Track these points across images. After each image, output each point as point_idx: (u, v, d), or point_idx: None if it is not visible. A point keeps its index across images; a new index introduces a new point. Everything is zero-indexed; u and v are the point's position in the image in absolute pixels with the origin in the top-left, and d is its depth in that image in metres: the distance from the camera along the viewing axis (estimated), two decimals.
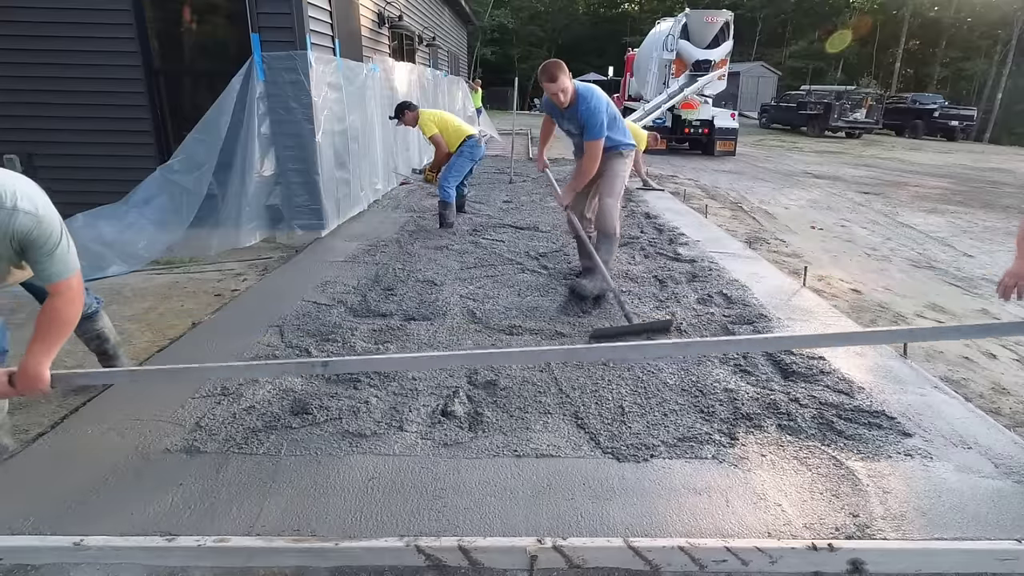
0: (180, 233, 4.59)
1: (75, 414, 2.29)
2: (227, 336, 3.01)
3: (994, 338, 3.43)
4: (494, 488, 1.91)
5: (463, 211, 6.05)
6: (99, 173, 4.83)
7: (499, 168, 9.48)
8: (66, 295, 1.82)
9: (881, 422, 2.29)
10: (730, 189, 9.37)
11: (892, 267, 5.27)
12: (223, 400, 2.38)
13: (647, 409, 2.37)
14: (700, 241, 5.12)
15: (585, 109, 3.43)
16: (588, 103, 3.43)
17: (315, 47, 4.81)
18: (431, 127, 5.35)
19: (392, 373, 2.59)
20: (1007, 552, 1.62)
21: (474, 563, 1.59)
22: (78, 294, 1.86)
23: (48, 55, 4.62)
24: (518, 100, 10.64)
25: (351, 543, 1.61)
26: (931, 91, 31.67)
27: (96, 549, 1.59)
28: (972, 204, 8.73)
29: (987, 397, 2.90)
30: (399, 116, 5.47)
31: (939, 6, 35.85)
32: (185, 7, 4.75)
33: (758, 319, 3.31)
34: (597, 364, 2.75)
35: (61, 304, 1.81)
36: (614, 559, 1.60)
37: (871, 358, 2.89)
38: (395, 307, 3.43)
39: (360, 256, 4.50)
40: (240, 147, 4.62)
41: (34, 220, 1.68)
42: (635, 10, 43.71)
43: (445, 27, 13.25)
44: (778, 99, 26.63)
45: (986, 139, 26.63)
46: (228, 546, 1.59)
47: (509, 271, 4.19)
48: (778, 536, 1.68)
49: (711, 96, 13.47)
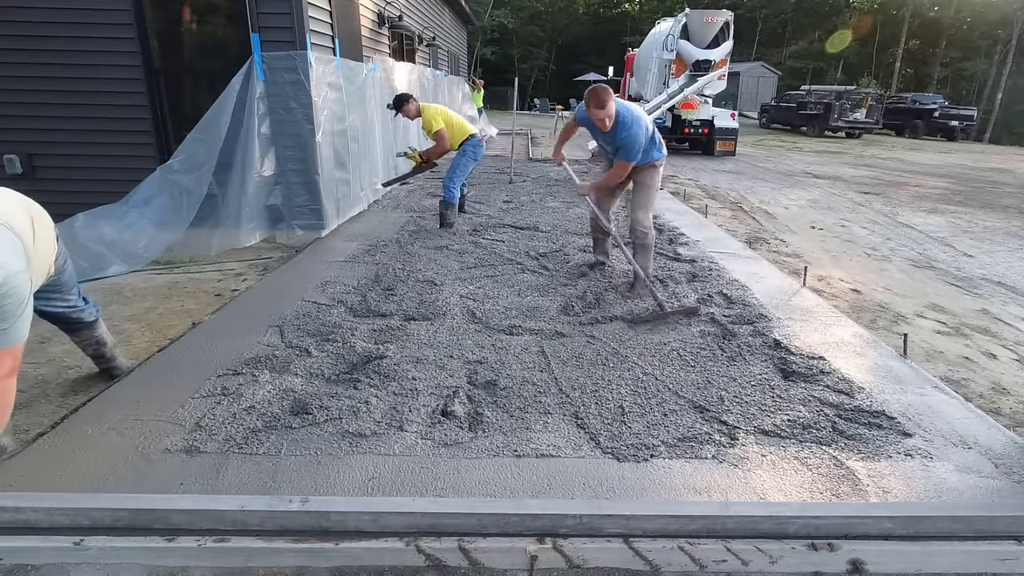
0: (180, 233, 4.59)
1: (75, 414, 2.29)
2: (227, 336, 3.01)
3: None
4: (494, 488, 1.91)
5: (463, 211, 6.05)
6: (99, 173, 4.83)
7: (499, 168, 9.47)
8: None
9: (881, 422, 2.30)
10: (730, 189, 9.37)
11: (892, 267, 5.27)
12: (223, 400, 2.38)
13: (647, 409, 2.37)
14: (700, 241, 5.12)
15: (626, 136, 3.57)
16: (629, 130, 3.55)
17: (315, 47, 4.81)
18: (438, 121, 5.24)
19: (392, 373, 2.59)
20: (1007, 552, 1.62)
21: (474, 563, 1.59)
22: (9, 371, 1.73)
23: (48, 55, 4.62)
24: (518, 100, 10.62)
25: (351, 543, 1.61)
26: (931, 91, 31.64)
27: (96, 549, 1.59)
28: (972, 204, 8.73)
29: (987, 397, 2.90)
30: (399, 107, 5.32)
31: (939, 6, 35.82)
32: (185, 7, 4.75)
33: (758, 319, 3.31)
34: (597, 364, 2.75)
35: None
36: (614, 559, 1.60)
37: (871, 358, 2.89)
38: (395, 307, 3.43)
39: (360, 256, 4.49)
40: (240, 147, 4.62)
41: None
42: (635, 10, 43.64)
43: (445, 27, 13.25)
44: (778, 99, 26.62)
45: (986, 139, 26.62)
46: (228, 546, 1.59)
47: (509, 271, 4.19)
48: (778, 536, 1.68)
49: (711, 96, 13.46)
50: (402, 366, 2.66)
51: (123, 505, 1.69)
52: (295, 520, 1.66)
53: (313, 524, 1.66)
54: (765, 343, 2.99)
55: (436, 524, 1.67)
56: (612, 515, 1.67)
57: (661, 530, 1.66)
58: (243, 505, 1.68)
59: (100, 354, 2.67)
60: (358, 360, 2.74)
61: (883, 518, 1.69)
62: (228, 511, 1.66)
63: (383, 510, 1.68)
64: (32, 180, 4.75)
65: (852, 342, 3.07)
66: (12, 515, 1.65)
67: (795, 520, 1.67)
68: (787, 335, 3.09)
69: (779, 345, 2.96)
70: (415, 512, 1.68)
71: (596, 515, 1.67)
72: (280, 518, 1.66)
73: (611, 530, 1.66)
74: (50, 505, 1.67)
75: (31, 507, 1.66)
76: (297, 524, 1.66)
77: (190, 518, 1.66)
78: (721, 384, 2.58)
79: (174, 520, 1.66)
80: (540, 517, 1.67)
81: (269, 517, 1.66)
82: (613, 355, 2.85)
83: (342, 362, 2.73)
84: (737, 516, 1.68)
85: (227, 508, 1.67)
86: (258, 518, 1.66)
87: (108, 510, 1.67)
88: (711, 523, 1.66)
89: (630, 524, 1.66)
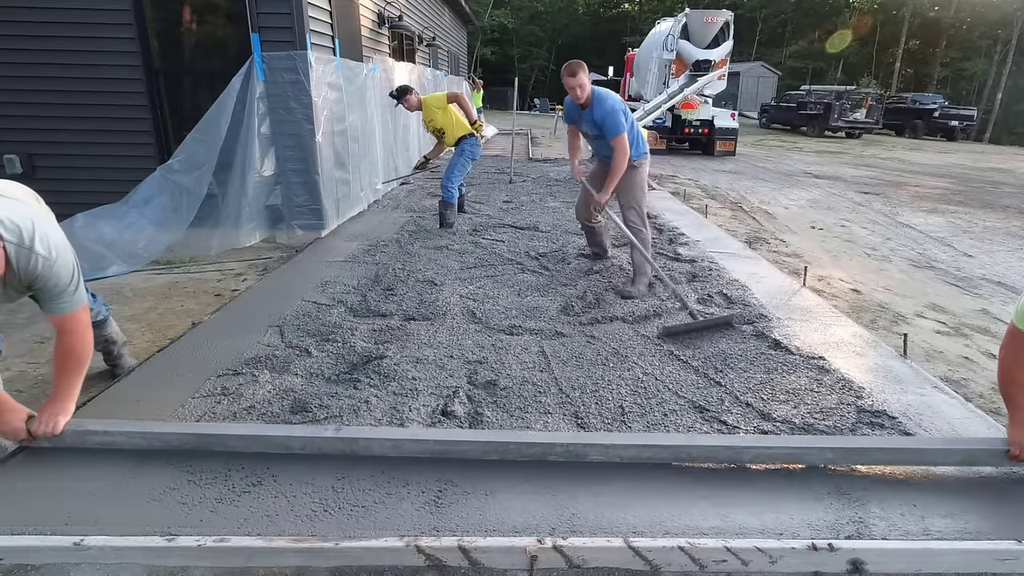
0: (180, 233, 4.60)
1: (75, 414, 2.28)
2: (227, 336, 3.01)
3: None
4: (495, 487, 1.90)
5: (463, 211, 6.05)
6: (99, 173, 4.83)
7: (499, 168, 9.48)
8: (75, 331, 1.88)
9: (883, 421, 2.30)
10: (730, 189, 9.37)
11: (892, 267, 5.27)
12: (223, 400, 2.38)
13: (647, 409, 2.37)
14: (700, 241, 5.12)
15: (601, 110, 3.62)
16: (603, 104, 3.64)
17: (315, 47, 4.81)
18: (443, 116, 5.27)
19: (392, 372, 2.59)
20: (1007, 552, 1.62)
21: (474, 563, 1.59)
22: (86, 327, 1.93)
23: (48, 55, 4.63)
24: (518, 100, 10.63)
25: (351, 543, 1.61)
26: (931, 91, 31.65)
27: (96, 549, 1.59)
28: (972, 204, 8.73)
29: (987, 397, 2.90)
30: (400, 98, 5.33)
31: (939, 6, 35.84)
32: (185, 7, 4.75)
33: (758, 319, 3.31)
34: (597, 364, 2.75)
35: (71, 341, 1.88)
36: (614, 559, 1.60)
37: (871, 358, 2.89)
38: (395, 307, 3.43)
39: (360, 256, 4.49)
40: (240, 147, 4.62)
41: (47, 264, 1.75)
42: (635, 10, 43.65)
43: (445, 27, 13.25)
44: (778, 99, 26.64)
45: (986, 139, 26.64)
46: (228, 546, 1.59)
47: (509, 271, 4.19)
48: (778, 536, 1.68)
49: (711, 96, 13.47)
50: (402, 366, 2.66)
51: (189, 431, 2.03)
52: (330, 445, 1.95)
53: (344, 449, 1.95)
54: (765, 343, 2.99)
55: (447, 450, 1.96)
56: (594, 444, 1.97)
57: (634, 457, 1.95)
58: (288, 432, 1.99)
59: (108, 351, 2.77)
60: (358, 360, 2.74)
61: (826, 448, 1.96)
62: (276, 436, 1.97)
63: (402, 437, 1.98)
64: (32, 180, 4.66)
65: (852, 342, 3.07)
66: (102, 438, 1.97)
67: (749, 450, 1.96)
68: (787, 335, 3.09)
69: (779, 345, 2.96)
70: (428, 440, 1.97)
71: (580, 443, 1.96)
72: (319, 443, 1.95)
73: (594, 457, 1.95)
74: (132, 430, 1.98)
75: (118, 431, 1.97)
76: (332, 448, 1.95)
77: (244, 442, 1.97)
78: (720, 383, 2.58)
79: (231, 443, 1.97)
80: (534, 445, 1.96)
81: (310, 442, 1.95)
82: (613, 355, 2.85)
83: (342, 362, 2.73)
84: (700, 446, 1.98)
85: (275, 434, 1.98)
86: (300, 443, 1.95)
87: (176, 435, 1.99)
88: (678, 452, 1.97)
89: (609, 452, 1.95)
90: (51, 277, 1.77)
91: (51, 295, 1.81)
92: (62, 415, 1.91)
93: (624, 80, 18.81)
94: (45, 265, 1.74)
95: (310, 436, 1.95)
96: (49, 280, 1.77)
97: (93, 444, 1.96)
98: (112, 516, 1.71)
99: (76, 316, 1.87)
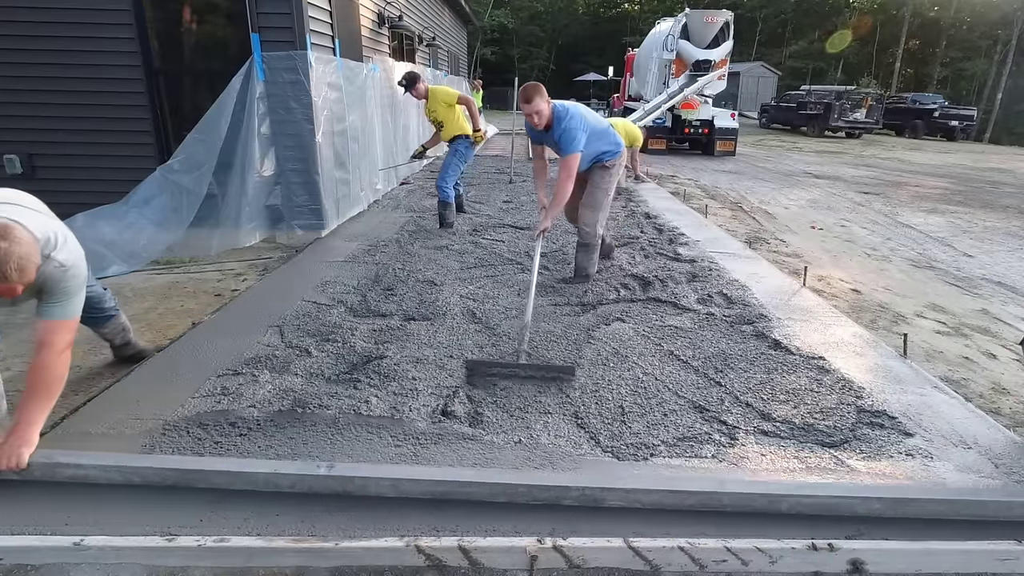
0: (180, 233, 4.59)
1: (75, 414, 2.29)
2: (227, 336, 3.01)
3: None
4: None
5: (463, 211, 6.05)
6: (99, 173, 4.83)
7: (499, 168, 9.48)
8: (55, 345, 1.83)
9: (883, 422, 2.30)
10: (730, 189, 9.37)
11: (892, 267, 5.27)
12: (223, 400, 2.38)
13: (647, 409, 2.37)
14: (700, 241, 5.12)
15: (562, 133, 3.43)
16: (561, 124, 3.42)
17: (315, 47, 4.81)
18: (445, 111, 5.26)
19: (392, 372, 2.59)
20: (1007, 552, 1.62)
21: (474, 563, 1.59)
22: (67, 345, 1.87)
23: (48, 55, 4.62)
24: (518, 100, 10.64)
25: (351, 543, 1.61)
26: (931, 91, 31.63)
27: (96, 549, 1.59)
28: (972, 204, 8.73)
29: (987, 397, 2.90)
30: (411, 86, 5.28)
31: (939, 6, 35.82)
32: (185, 7, 4.75)
33: (758, 319, 3.31)
34: (597, 364, 2.75)
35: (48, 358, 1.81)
36: (614, 559, 1.60)
37: (871, 358, 2.89)
38: (395, 307, 3.43)
39: (360, 256, 4.49)
40: (240, 147, 4.61)
41: (61, 272, 1.83)
42: (635, 10, 43.62)
43: (445, 27, 13.24)
44: (778, 99, 26.62)
45: (986, 139, 26.61)
46: (228, 546, 1.59)
47: (509, 271, 4.19)
48: (778, 536, 1.68)
49: (711, 96, 13.47)
50: (402, 366, 2.66)
51: (170, 466, 1.86)
52: (321, 483, 1.77)
53: (338, 488, 1.77)
54: (765, 343, 2.99)
55: (449, 492, 1.77)
56: (613, 488, 1.75)
57: (657, 504, 1.74)
58: (276, 469, 1.81)
59: (125, 341, 2.83)
60: (358, 360, 2.74)
61: (872, 499, 1.74)
62: (262, 473, 1.79)
63: (402, 477, 1.79)
64: (32, 180, 4.74)
65: (852, 342, 3.07)
66: (73, 471, 1.81)
67: (786, 498, 1.74)
68: (787, 335, 3.09)
69: (779, 345, 2.96)
70: (430, 480, 1.78)
71: (597, 488, 1.75)
72: (309, 481, 1.77)
73: (612, 503, 1.74)
74: (107, 463, 1.82)
75: (91, 464, 1.81)
76: (323, 487, 1.77)
77: (228, 479, 1.79)
78: (720, 383, 2.58)
79: (215, 480, 1.80)
80: (548, 489, 1.75)
81: (299, 480, 1.78)
82: (613, 355, 2.84)
83: (342, 362, 2.73)
84: (732, 493, 1.75)
85: (261, 471, 1.80)
86: (289, 480, 1.78)
87: (156, 469, 1.83)
88: (707, 499, 1.74)
89: (629, 497, 1.74)
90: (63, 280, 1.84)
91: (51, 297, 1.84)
92: (25, 447, 1.76)
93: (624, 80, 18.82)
94: (59, 271, 1.82)
95: (299, 474, 1.78)
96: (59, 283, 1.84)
97: (63, 478, 1.80)
98: (112, 516, 1.71)
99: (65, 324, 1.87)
